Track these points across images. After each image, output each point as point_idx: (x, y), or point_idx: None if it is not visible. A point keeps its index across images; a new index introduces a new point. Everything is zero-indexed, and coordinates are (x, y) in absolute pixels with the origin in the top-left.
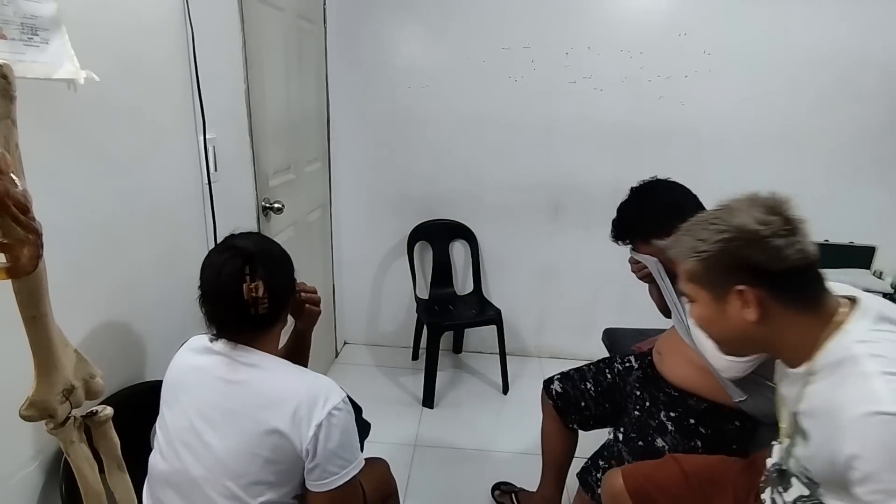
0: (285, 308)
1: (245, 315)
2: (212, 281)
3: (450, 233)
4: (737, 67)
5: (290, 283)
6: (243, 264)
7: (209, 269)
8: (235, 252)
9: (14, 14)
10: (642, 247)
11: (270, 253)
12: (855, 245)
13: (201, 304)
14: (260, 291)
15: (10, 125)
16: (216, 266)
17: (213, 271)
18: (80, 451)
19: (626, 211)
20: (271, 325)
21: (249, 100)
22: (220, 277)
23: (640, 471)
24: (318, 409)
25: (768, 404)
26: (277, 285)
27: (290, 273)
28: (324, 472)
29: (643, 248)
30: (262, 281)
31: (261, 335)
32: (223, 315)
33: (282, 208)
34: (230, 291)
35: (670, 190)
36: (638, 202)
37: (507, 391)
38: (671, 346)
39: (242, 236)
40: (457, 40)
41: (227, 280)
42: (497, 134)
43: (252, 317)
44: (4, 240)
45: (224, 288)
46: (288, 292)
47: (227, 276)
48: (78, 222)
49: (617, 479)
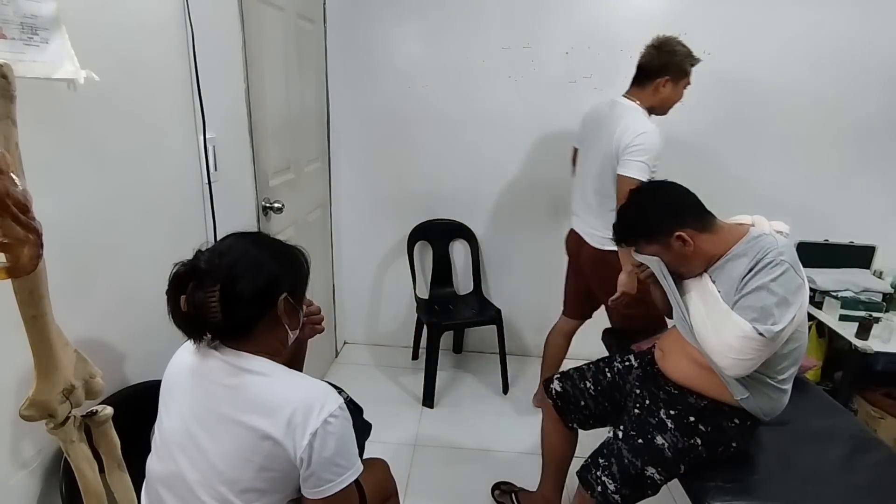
0: (255, 320)
1: (198, 322)
2: (168, 287)
3: (450, 233)
4: (737, 67)
5: (257, 296)
6: (184, 275)
7: (169, 277)
8: (188, 262)
9: (14, 14)
10: (645, 247)
11: (234, 262)
12: (855, 245)
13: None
14: (196, 307)
15: (10, 125)
16: (170, 274)
17: (168, 279)
18: (80, 451)
19: (627, 213)
20: (241, 333)
21: (249, 100)
22: (169, 285)
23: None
24: (313, 416)
25: (769, 402)
26: (232, 300)
27: (259, 286)
28: (319, 479)
29: (646, 248)
30: (195, 296)
31: (241, 341)
32: (175, 321)
33: (282, 208)
34: (173, 301)
35: (669, 190)
36: (638, 203)
37: (507, 391)
38: (673, 344)
39: (230, 238)
40: (457, 40)
41: (168, 289)
42: (497, 134)
43: (209, 324)
44: (4, 240)
45: (169, 296)
46: (251, 306)
47: (170, 284)
48: (78, 222)
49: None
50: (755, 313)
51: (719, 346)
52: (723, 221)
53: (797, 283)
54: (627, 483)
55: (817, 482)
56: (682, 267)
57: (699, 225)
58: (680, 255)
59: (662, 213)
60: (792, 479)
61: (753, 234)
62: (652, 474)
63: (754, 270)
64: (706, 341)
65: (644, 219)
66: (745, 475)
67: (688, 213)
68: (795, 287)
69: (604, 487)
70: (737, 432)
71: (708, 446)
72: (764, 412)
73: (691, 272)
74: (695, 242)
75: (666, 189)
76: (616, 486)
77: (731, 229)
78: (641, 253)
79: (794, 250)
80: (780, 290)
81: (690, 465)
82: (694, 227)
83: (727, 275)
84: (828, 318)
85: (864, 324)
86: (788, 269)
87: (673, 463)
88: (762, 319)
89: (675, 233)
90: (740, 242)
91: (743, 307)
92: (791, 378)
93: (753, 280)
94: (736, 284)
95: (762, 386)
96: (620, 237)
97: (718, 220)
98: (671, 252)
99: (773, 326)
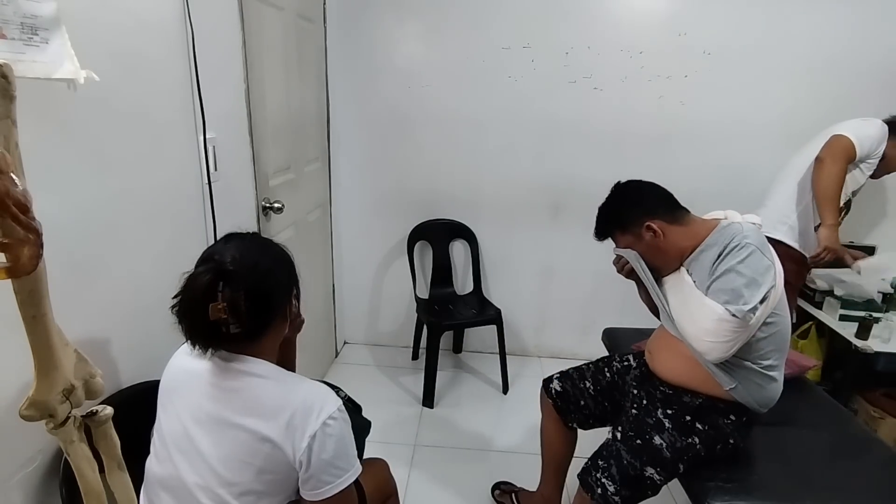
0: (273, 318)
1: (216, 332)
2: (184, 295)
3: (450, 233)
4: (737, 67)
5: (278, 295)
6: (213, 281)
7: (187, 281)
8: (209, 265)
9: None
10: (620, 239)
11: (255, 266)
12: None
13: (178, 317)
14: (227, 312)
15: (10, 125)
16: (190, 279)
17: (186, 284)
18: (80, 451)
19: (604, 207)
20: (254, 338)
21: (249, 100)
22: (190, 292)
23: None
24: (312, 418)
25: (759, 390)
26: (258, 302)
27: (279, 284)
28: (319, 481)
29: (620, 239)
30: (228, 302)
31: (248, 347)
32: (194, 332)
33: (282, 208)
34: (199, 308)
35: (641, 185)
36: (613, 197)
37: (506, 391)
38: (660, 343)
39: (233, 240)
40: (457, 40)
41: (195, 296)
42: (497, 134)
43: (226, 334)
44: (4, 240)
45: (194, 304)
46: (274, 306)
47: (196, 291)
48: (78, 222)
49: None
50: (726, 295)
51: (695, 331)
52: (695, 216)
53: (765, 263)
54: (627, 484)
55: (817, 482)
56: (657, 260)
57: (669, 217)
58: (652, 246)
59: (632, 205)
60: (792, 479)
61: (723, 224)
62: (651, 475)
63: (722, 255)
64: (684, 329)
65: (616, 210)
66: (744, 475)
67: (658, 205)
68: (763, 268)
69: (604, 490)
70: (734, 429)
71: (706, 444)
72: (757, 402)
73: (667, 266)
74: (665, 234)
75: (638, 184)
76: (616, 487)
77: (703, 223)
78: (618, 245)
79: (761, 234)
80: (747, 272)
81: (689, 464)
82: (664, 219)
83: (700, 265)
84: (828, 318)
85: (864, 324)
86: (755, 251)
87: (672, 463)
88: (733, 300)
89: (644, 223)
90: (712, 234)
91: (714, 290)
92: (779, 365)
93: (722, 264)
94: (707, 272)
95: (748, 373)
96: (598, 231)
97: (691, 215)
98: (643, 243)
99: (744, 306)
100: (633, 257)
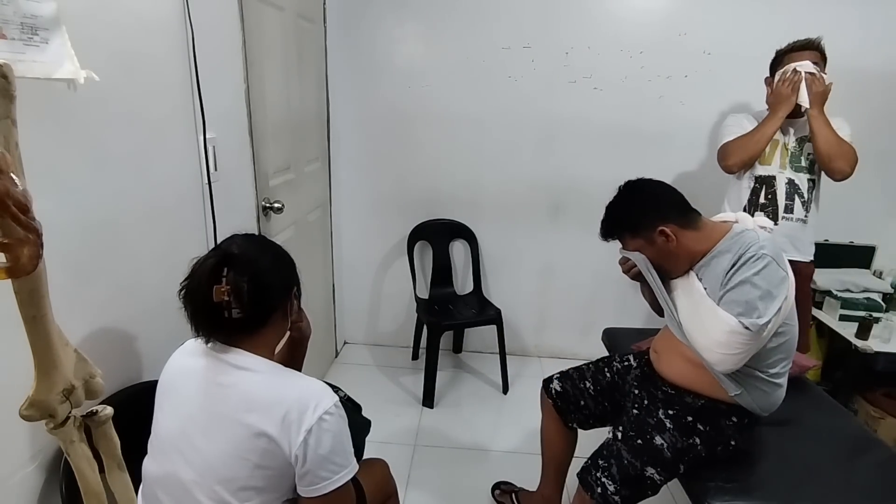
0: (272, 313)
1: (218, 317)
2: (190, 279)
3: (450, 233)
4: (737, 67)
5: (279, 289)
6: (218, 265)
7: (194, 266)
8: (216, 252)
9: (14, 14)
10: (630, 242)
11: (258, 257)
12: (855, 245)
13: (184, 301)
14: (230, 295)
15: (10, 125)
16: (197, 263)
17: (193, 268)
18: (80, 451)
19: (614, 207)
20: (254, 328)
21: (249, 100)
22: (196, 276)
23: None
24: (308, 413)
25: (764, 397)
26: (260, 290)
27: (281, 279)
28: (315, 477)
29: (630, 243)
30: (231, 285)
31: (246, 338)
32: (197, 315)
33: (282, 208)
34: (202, 291)
35: (654, 186)
36: (624, 198)
37: (506, 391)
38: (666, 344)
39: (240, 237)
40: (457, 40)
41: (200, 279)
42: (497, 134)
43: (227, 319)
44: (4, 240)
45: (198, 287)
46: (275, 298)
47: (202, 274)
48: (78, 222)
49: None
50: (740, 307)
51: (707, 341)
52: (707, 219)
53: (780, 275)
54: (627, 484)
55: (817, 482)
56: (666, 263)
57: (683, 221)
58: (664, 250)
59: (646, 208)
60: (792, 479)
61: (736, 230)
62: (651, 475)
63: (737, 265)
64: (694, 338)
65: (628, 213)
66: (745, 475)
67: (672, 210)
68: (779, 280)
69: (604, 489)
70: (735, 430)
71: (707, 445)
72: (760, 408)
73: (676, 270)
74: (678, 238)
75: (651, 186)
76: (616, 487)
77: (714, 227)
78: (626, 248)
79: (775, 244)
80: (763, 284)
81: (690, 464)
82: (677, 223)
83: (712, 271)
84: (828, 318)
85: (864, 324)
86: (771, 263)
87: (672, 463)
88: (747, 313)
89: (658, 227)
90: (724, 239)
91: (728, 302)
92: (785, 372)
93: (737, 275)
94: (720, 280)
95: (755, 381)
96: (606, 231)
97: (703, 218)
98: (655, 247)
99: (759, 320)
100: (642, 261)
